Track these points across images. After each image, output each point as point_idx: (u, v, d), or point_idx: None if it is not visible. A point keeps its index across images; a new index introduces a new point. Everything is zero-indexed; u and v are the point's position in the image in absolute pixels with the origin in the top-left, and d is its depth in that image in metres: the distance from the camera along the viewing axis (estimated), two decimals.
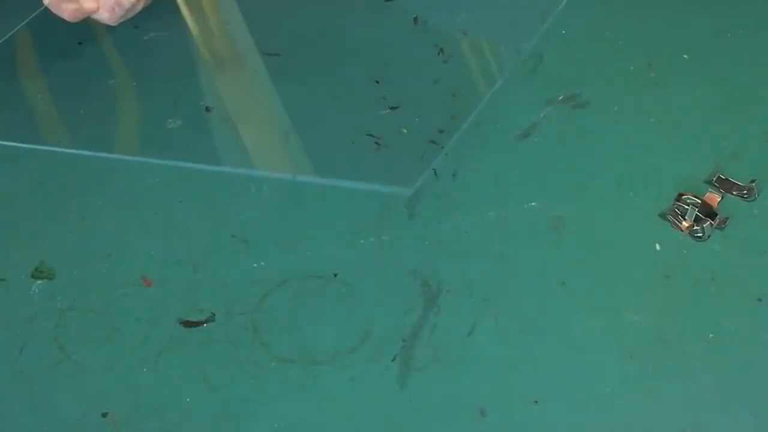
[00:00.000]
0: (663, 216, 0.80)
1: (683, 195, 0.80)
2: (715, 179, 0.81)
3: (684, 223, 0.79)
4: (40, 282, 0.78)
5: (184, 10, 0.94)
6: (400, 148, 0.85)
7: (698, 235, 0.79)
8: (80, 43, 0.95)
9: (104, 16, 0.89)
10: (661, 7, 0.93)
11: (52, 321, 0.76)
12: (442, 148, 0.85)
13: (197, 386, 0.72)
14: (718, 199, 0.80)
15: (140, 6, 0.90)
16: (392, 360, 0.73)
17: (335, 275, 0.78)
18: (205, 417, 0.71)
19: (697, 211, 0.79)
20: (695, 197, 0.80)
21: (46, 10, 0.89)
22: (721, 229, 0.79)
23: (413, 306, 0.76)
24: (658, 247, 0.78)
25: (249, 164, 0.84)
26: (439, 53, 0.91)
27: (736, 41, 0.90)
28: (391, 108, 0.88)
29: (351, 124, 0.87)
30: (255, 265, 0.79)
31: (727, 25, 0.90)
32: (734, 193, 0.81)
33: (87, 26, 0.96)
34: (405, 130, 0.87)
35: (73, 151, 0.86)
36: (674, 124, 0.84)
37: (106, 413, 0.71)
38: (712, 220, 0.79)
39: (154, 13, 0.94)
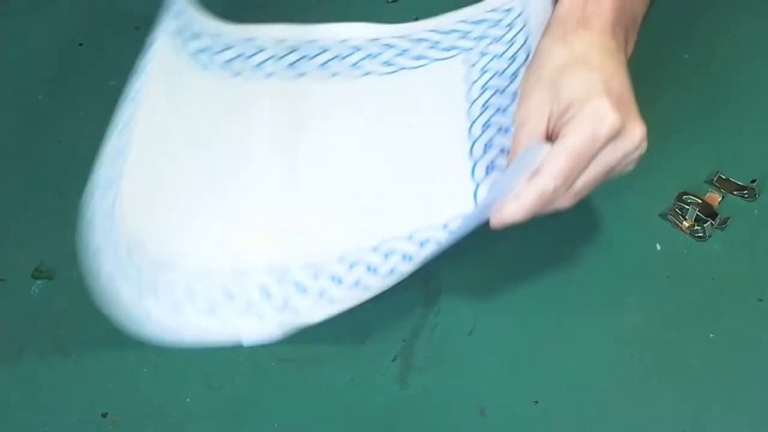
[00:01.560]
0: (663, 216, 0.80)
1: (684, 195, 0.80)
2: (715, 179, 0.81)
3: (684, 223, 0.79)
4: (40, 282, 0.78)
5: None
6: None
7: (699, 235, 0.79)
8: (81, 45, 0.95)
9: None
10: (661, 7, 0.93)
11: (52, 321, 0.76)
12: None
13: (197, 386, 0.72)
14: (719, 199, 0.80)
15: None
16: (392, 360, 0.73)
17: None
18: (205, 417, 0.71)
19: (698, 211, 0.79)
20: (696, 197, 0.80)
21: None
22: (722, 229, 0.79)
23: (413, 306, 0.76)
24: (658, 247, 0.78)
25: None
26: None
27: (736, 41, 0.90)
28: None
29: None
30: None
31: (727, 25, 0.90)
32: (734, 193, 0.81)
33: (88, 28, 0.96)
34: None
35: (74, 151, 0.86)
36: (674, 124, 0.84)
37: (106, 413, 0.71)
38: (713, 220, 0.79)
39: (156, 15, 0.94)
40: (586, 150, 0.67)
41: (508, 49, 0.86)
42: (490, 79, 0.84)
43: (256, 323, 0.74)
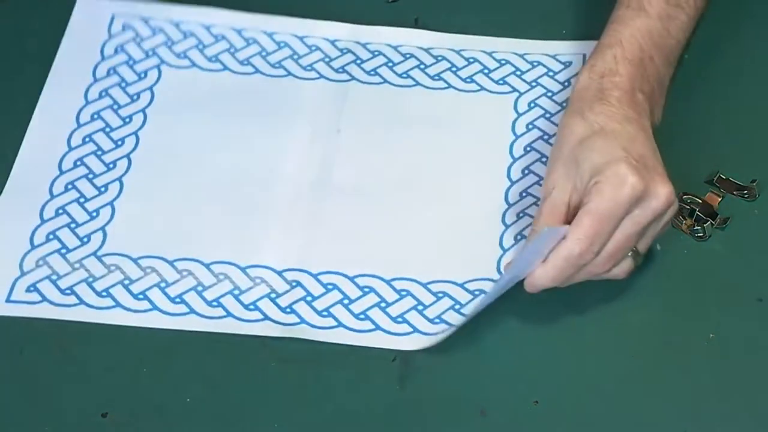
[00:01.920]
0: None
1: (684, 195, 0.80)
2: (715, 179, 0.81)
3: (684, 223, 0.79)
4: None
5: None
6: None
7: (699, 235, 0.79)
8: None
9: None
10: None
11: (52, 321, 0.75)
12: None
13: (197, 386, 0.72)
14: (719, 199, 0.80)
15: None
16: (392, 360, 0.73)
17: None
18: (205, 417, 0.71)
19: (698, 211, 0.79)
20: (696, 197, 0.80)
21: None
22: (722, 229, 0.79)
23: None
24: (658, 246, 0.78)
25: None
26: None
27: (737, 41, 0.90)
28: None
29: None
30: None
31: (727, 25, 0.90)
32: (735, 193, 0.81)
33: None
34: None
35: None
36: (675, 125, 0.84)
37: (106, 413, 0.71)
38: (713, 220, 0.79)
39: None
40: (608, 214, 0.69)
41: (559, 111, 0.86)
42: (534, 140, 0.84)
43: (260, 323, 0.74)
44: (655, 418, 0.70)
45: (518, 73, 0.88)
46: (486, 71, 0.88)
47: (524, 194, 0.81)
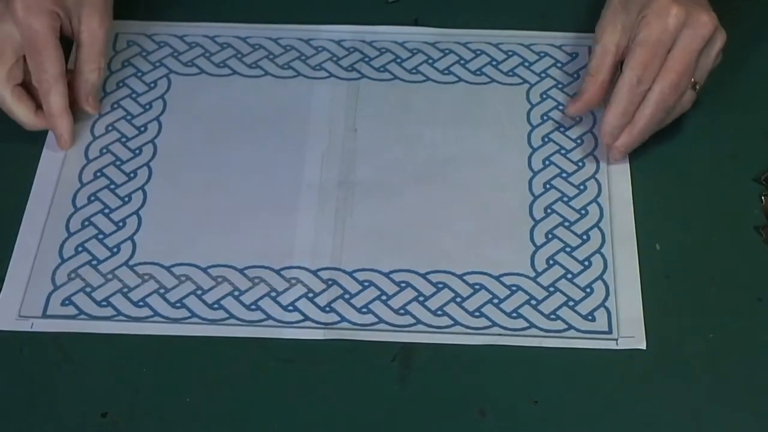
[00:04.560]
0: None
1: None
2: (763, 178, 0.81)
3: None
4: None
5: None
6: None
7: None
8: None
9: None
10: None
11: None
12: None
13: (197, 386, 0.72)
14: None
15: None
16: (392, 360, 0.73)
17: None
18: (205, 417, 0.71)
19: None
20: None
21: None
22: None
23: None
24: (657, 247, 0.78)
25: None
26: None
27: (737, 41, 0.90)
28: None
29: None
30: None
31: (727, 25, 0.90)
32: None
33: None
34: None
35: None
36: (676, 124, 0.84)
37: (106, 413, 0.71)
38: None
39: None
40: (657, 41, 0.77)
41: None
42: (551, 132, 0.85)
43: (301, 327, 0.75)
44: (654, 418, 0.70)
45: (526, 64, 0.89)
46: (494, 63, 0.89)
47: (548, 186, 0.81)
